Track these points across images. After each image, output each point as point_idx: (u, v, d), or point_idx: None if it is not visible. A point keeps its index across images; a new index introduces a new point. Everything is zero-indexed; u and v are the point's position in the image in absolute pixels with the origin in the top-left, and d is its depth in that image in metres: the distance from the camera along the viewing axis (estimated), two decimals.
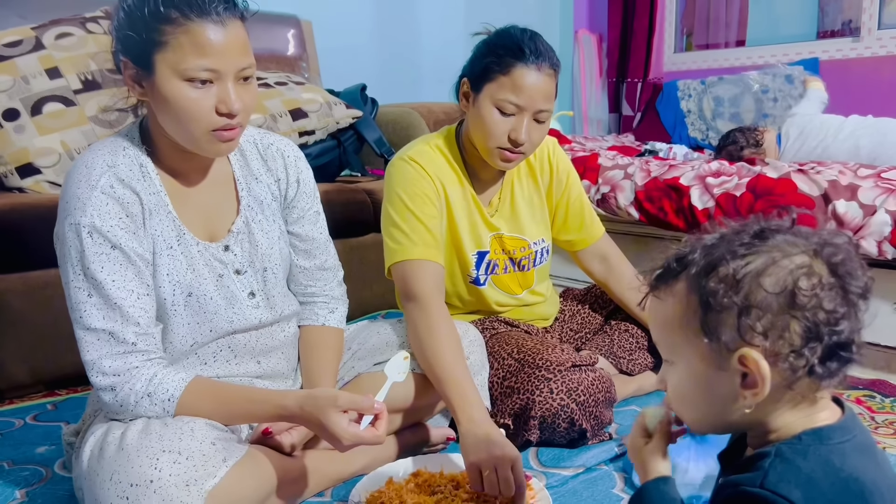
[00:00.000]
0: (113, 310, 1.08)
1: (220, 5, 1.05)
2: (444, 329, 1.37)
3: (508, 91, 1.40)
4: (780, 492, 0.63)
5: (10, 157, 1.91)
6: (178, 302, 1.16)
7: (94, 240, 1.07)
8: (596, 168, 2.60)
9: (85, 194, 1.08)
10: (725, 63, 3.70)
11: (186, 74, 1.05)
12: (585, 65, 4.08)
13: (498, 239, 1.61)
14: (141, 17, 1.04)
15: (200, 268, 1.18)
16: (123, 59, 1.09)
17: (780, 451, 0.67)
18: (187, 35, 1.03)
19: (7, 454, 1.48)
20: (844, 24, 3.44)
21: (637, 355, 1.72)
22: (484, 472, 1.18)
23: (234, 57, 1.07)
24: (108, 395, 1.09)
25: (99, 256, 1.07)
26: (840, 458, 0.66)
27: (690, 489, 1.23)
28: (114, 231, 1.08)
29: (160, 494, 0.99)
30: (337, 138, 2.45)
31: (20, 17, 2.14)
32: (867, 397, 1.73)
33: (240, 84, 1.09)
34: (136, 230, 1.11)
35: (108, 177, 1.10)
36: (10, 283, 1.70)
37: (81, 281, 1.08)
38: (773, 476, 0.65)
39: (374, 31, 3.33)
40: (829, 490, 0.64)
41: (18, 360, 1.74)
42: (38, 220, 1.72)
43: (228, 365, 1.25)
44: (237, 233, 1.24)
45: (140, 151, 1.15)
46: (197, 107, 1.06)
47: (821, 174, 2.07)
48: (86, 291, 1.08)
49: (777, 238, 0.69)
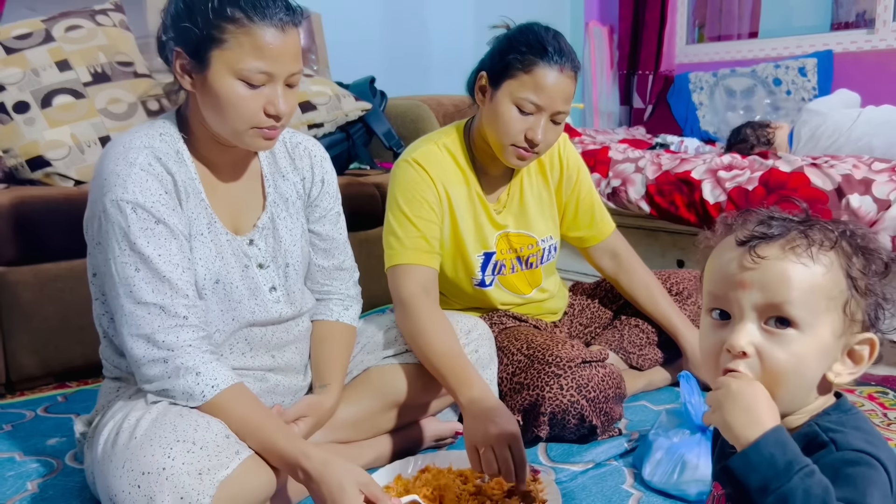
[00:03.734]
0: (162, 283, 1.09)
1: (283, 11, 1.09)
2: (435, 322, 1.37)
3: (529, 90, 1.39)
4: (866, 450, 0.65)
5: (20, 150, 1.92)
6: (206, 287, 1.17)
7: (139, 215, 1.09)
8: (606, 161, 2.58)
9: (124, 171, 1.09)
10: (738, 55, 3.66)
11: (241, 74, 1.08)
12: (596, 57, 4.05)
13: (504, 237, 1.60)
14: (203, 12, 1.07)
15: (228, 256, 1.20)
16: (176, 49, 1.11)
17: (822, 426, 0.69)
18: (248, 36, 1.07)
19: (18, 446, 1.49)
20: (859, 16, 3.40)
21: (647, 350, 1.71)
22: (480, 450, 1.16)
23: (287, 62, 1.10)
24: (158, 366, 1.09)
25: (144, 231, 1.09)
26: (865, 421, 0.71)
27: (701, 485, 1.23)
28: (156, 207, 1.10)
29: (172, 482, 0.99)
30: (346, 131, 2.44)
31: (30, 9, 2.14)
32: (880, 393, 1.71)
33: (286, 88, 1.12)
34: (175, 207, 1.13)
35: (147, 154, 1.12)
36: (21, 275, 1.71)
37: (128, 256, 1.09)
38: (842, 441, 0.67)
39: (384, 24, 3.32)
40: (881, 445, 0.68)
41: (29, 352, 1.75)
42: (49, 212, 1.73)
43: (244, 357, 1.25)
44: (262, 228, 1.25)
45: (177, 138, 1.17)
46: (246, 105, 1.09)
47: (834, 168, 2.05)
48: (133, 266, 1.09)
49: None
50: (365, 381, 1.39)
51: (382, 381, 1.38)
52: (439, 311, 1.42)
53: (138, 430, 1.05)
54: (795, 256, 0.68)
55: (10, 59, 1.97)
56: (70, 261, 1.74)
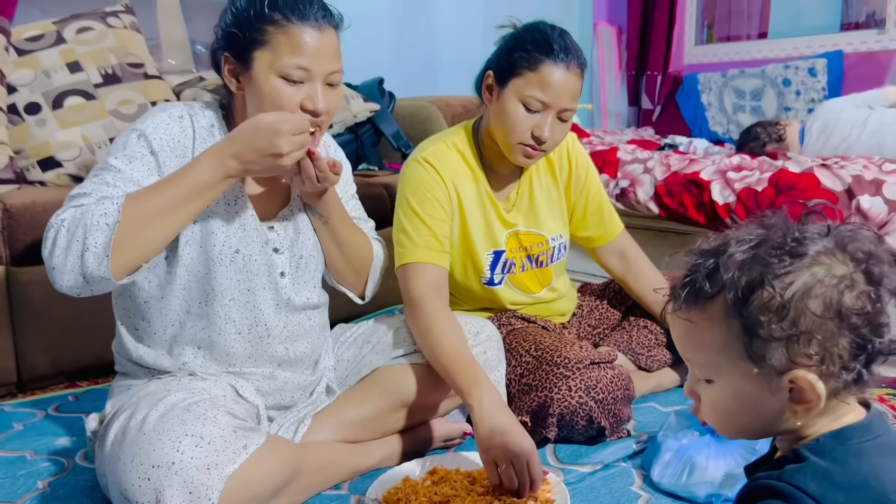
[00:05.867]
0: (111, 188, 1.11)
1: (319, 12, 1.16)
2: (444, 322, 1.37)
3: (536, 88, 1.39)
4: (796, 483, 0.64)
5: (31, 151, 1.93)
6: (225, 253, 1.20)
7: (139, 141, 1.16)
8: (615, 162, 2.58)
9: (155, 112, 1.20)
10: (747, 56, 3.65)
11: (282, 71, 1.14)
12: (604, 58, 4.04)
13: (514, 236, 1.60)
14: (247, 17, 1.15)
15: (250, 230, 1.23)
16: (225, 55, 1.18)
17: (798, 452, 0.67)
18: (286, 36, 1.14)
19: (29, 445, 1.50)
20: (869, 16, 3.38)
21: (655, 352, 1.71)
22: (500, 467, 1.18)
23: (325, 60, 1.16)
24: (74, 204, 1.09)
25: (133, 154, 1.15)
26: (858, 457, 0.65)
27: (710, 487, 1.23)
28: (160, 143, 1.16)
29: (181, 476, 1.00)
30: (354, 132, 2.44)
31: (42, 11, 2.16)
32: (891, 395, 1.70)
33: (327, 87, 1.18)
34: (182, 155, 1.18)
35: (182, 110, 1.21)
36: (32, 275, 1.72)
37: (105, 164, 1.14)
38: (789, 471, 0.65)
39: (392, 25, 3.32)
40: (846, 485, 0.63)
41: (40, 352, 1.76)
42: None
43: (261, 341, 1.26)
44: (283, 218, 1.29)
45: (215, 116, 1.25)
46: (287, 101, 1.15)
47: (845, 169, 2.04)
48: (107, 171, 1.13)
49: (812, 247, 0.65)
50: (374, 382, 1.39)
51: (391, 381, 1.38)
52: (449, 312, 1.42)
53: (146, 424, 1.07)
54: (686, 316, 0.70)
55: (22, 61, 1.99)
56: None
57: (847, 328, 0.64)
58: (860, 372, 0.65)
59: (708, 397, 0.72)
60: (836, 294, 0.64)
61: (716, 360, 0.69)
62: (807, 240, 0.66)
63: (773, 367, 0.65)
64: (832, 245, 0.66)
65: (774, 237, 0.67)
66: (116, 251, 1.04)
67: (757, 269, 0.65)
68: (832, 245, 0.66)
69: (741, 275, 0.65)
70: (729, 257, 0.67)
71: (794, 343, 0.64)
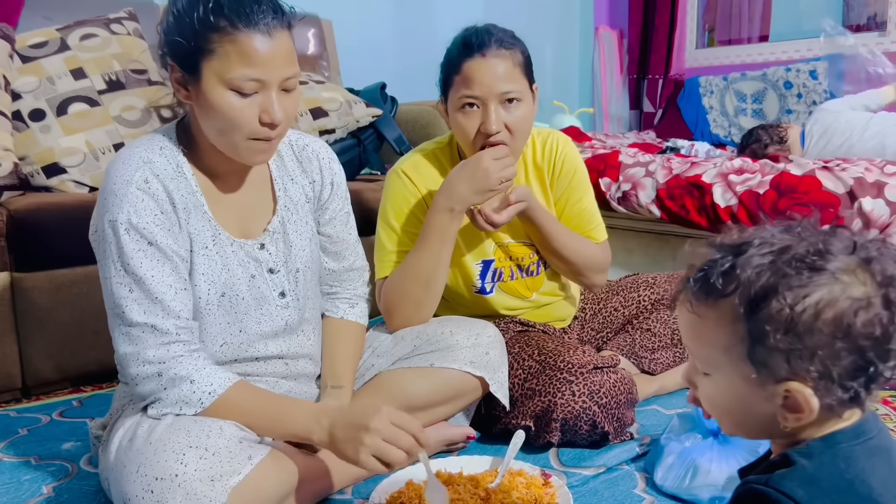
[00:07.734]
0: (154, 304, 1.10)
1: (269, 15, 1.06)
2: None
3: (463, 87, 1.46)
4: (783, 489, 0.64)
5: (36, 157, 1.94)
6: (211, 301, 1.17)
7: (132, 236, 1.09)
8: (617, 165, 2.58)
9: (122, 190, 1.09)
10: (748, 59, 3.66)
11: (232, 83, 1.06)
12: (606, 61, 4.05)
13: (503, 248, 1.58)
14: (190, 23, 1.05)
15: (234, 267, 1.20)
16: (171, 63, 1.11)
17: (787, 456, 0.68)
18: (234, 45, 1.05)
19: (34, 450, 1.50)
20: (870, 19, 3.39)
21: (659, 354, 1.71)
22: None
23: (279, 67, 1.08)
24: (153, 382, 1.10)
25: (137, 253, 1.09)
26: (846, 460, 0.66)
27: (713, 490, 1.23)
28: (150, 228, 1.10)
29: (185, 489, 1.00)
30: (357, 137, 2.45)
31: (46, 18, 2.17)
32: (894, 398, 1.70)
33: (283, 94, 1.10)
34: (171, 227, 1.12)
35: (144, 171, 1.11)
36: (37, 280, 1.73)
37: (122, 276, 1.09)
38: (777, 476, 0.66)
39: (394, 30, 3.33)
40: (832, 490, 0.64)
41: (45, 357, 1.77)
42: (64, 219, 1.75)
43: (257, 366, 1.26)
44: (273, 232, 1.25)
45: (177, 151, 1.17)
46: (240, 115, 1.07)
47: (846, 171, 2.04)
48: (127, 287, 1.09)
49: (833, 263, 0.64)
50: (376, 386, 1.39)
51: (393, 385, 1.38)
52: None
53: (153, 434, 1.06)
54: (695, 309, 0.70)
55: (27, 68, 2.00)
56: (85, 266, 1.76)
57: (853, 350, 0.63)
58: (857, 392, 0.65)
59: (705, 389, 0.73)
60: (849, 315, 0.63)
61: (717, 358, 0.69)
62: (829, 254, 0.64)
63: (772, 374, 0.65)
64: (855, 263, 0.64)
65: (797, 247, 0.65)
66: None
67: (773, 278, 0.64)
68: (855, 263, 0.64)
69: (756, 280, 0.65)
70: (748, 260, 0.66)
71: (797, 357, 0.64)
